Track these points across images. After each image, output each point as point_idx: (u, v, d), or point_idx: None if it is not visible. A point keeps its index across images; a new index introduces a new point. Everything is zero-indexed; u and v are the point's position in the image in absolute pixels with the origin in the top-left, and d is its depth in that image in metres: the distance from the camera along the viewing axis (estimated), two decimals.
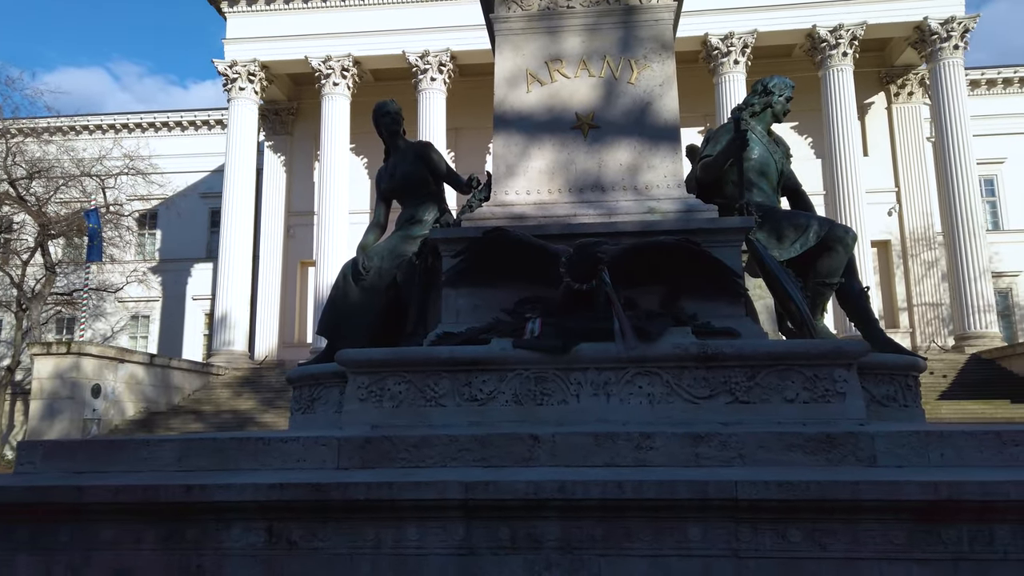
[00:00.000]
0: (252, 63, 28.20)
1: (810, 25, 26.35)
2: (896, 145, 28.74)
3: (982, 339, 24.09)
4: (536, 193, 5.58)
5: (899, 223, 28.09)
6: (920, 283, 27.30)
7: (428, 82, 27.52)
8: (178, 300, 34.98)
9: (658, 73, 5.66)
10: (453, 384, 4.44)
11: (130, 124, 36.87)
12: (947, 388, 20.38)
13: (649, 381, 4.34)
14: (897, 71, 28.97)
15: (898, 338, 26.14)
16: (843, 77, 26.04)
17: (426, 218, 6.21)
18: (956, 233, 25.03)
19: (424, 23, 27.74)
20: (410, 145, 6.45)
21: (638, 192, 5.50)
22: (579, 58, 5.72)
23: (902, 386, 4.98)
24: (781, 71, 27.12)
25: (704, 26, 25.85)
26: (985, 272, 24.78)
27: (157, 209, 35.53)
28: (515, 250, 4.92)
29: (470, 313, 5.07)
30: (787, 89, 6.15)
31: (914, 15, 26.04)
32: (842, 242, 5.54)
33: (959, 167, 25.14)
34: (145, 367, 21.96)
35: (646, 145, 5.59)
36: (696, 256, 4.78)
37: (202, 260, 35.07)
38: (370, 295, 5.92)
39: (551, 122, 5.67)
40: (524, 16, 5.80)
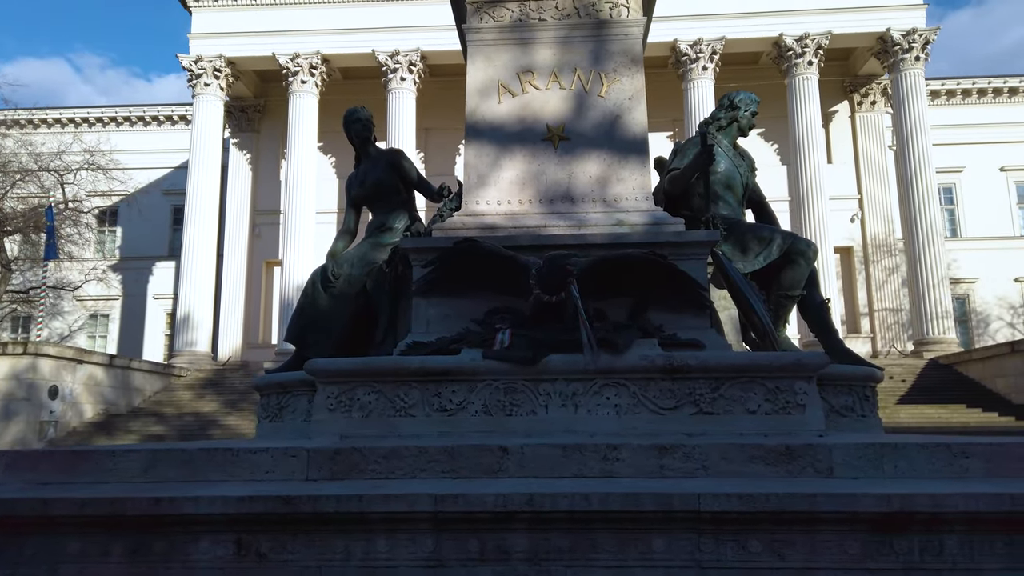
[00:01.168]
0: (218, 59, 27.84)
1: (777, 33, 26.83)
2: (859, 153, 29.40)
3: (940, 344, 24.74)
4: (507, 203, 5.63)
5: (861, 230, 28.73)
6: (881, 289, 27.95)
7: (398, 82, 27.45)
8: (139, 299, 34.35)
9: (628, 87, 5.75)
10: (423, 394, 4.47)
11: (91, 118, 36.11)
12: (906, 392, 20.90)
13: (616, 392, 4.42)
14: (860, 80, 29.62)
15: (859, 342, 26.94)
16: (808, 85, 26.55)
17: (396, 226, 6.23)
18: (916, 240, 25.68)
19: (394, 22, 27.64)
20: (381, 152, 6.46)
21: (607, 204, 5.58)
22: (550, 70, 5.79)
23: (860, 396, 5.13)
24: (748, 78, 27.73)
25: (673, 32, 26.16)
26: (943, 279, 25.46)
27: (118, 206, 34.87)
28: (486, 261, 4.97)
29: (440, 323, 5.10)
30: (752, 104, 6.29)
31: (877, 26, 26.66)
32: (804, 255, 5.69)
33: (919, 176, 25.80)
34: (105, 368, 21.55)
35: (615, 158, 5.68)
36: (663, 269, 4.87)
37: (164, 258, 34.50)
38: (339, 302, 5.92)
39: (522, 133, 5.73)
40: (496, 27, 5.85)
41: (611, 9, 5.81)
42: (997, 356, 21.33)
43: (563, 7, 5.84)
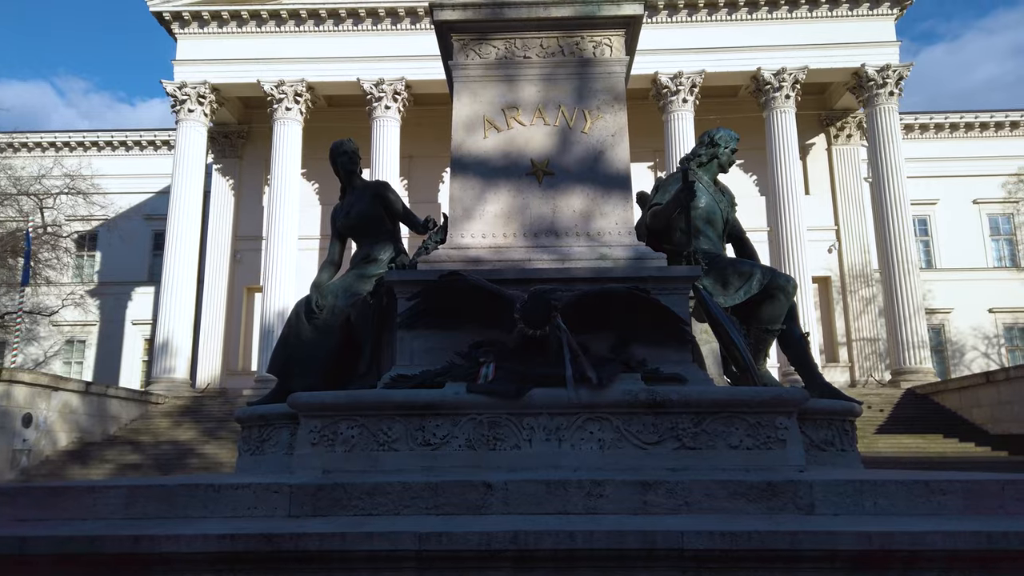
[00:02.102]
0: (203, 85, 27.87)
1: (755, 68, 27.35)
2: (836, 185, 29.89)
3: (917, 374, 25.02)
4: (492, 237, 5.69)
5: (839, 260, 29.11)
6: (859, 318, 28.28)
7: (383, 110, 27.60)
8: (117, 324, 33.95)
9: (611, 123, 5.86)
10: (407, 428, 4.47)
11: (72, 142, 35.96)
12: (884, 422, 21.07)
13: (600, 427, 4.44)
14: (836, 114, 30.22)
15: (838, 371, 27.18)
16: (786, 118, 27.03)
17: (381, 257, 6.25)
18: (892, 271, 26.06)
19: (380, 52, 27.88)
20: (367, 184, 6.51)
21: (591, 238, 5.65)
22: (535, 106, 5.88)
23: (839, 431, 5.19)
24: (728, 110, 28.19)
25: (654, 65, 26.58)
26: (919, 309, 25.82)
27: (97, 230, 34.56)
28: (470, 294, 5.00)
29: (424, 355, 5.12)
30: (732, 141, 6.42)
31: (852, 62, 27.27)
32: (783, 290, 5.78)
33: (894, 207, 26.26)
34: (80, 395, 21.21)
35: (599, 192, 5.76)
36: (646, 304, 4.94)
37: (144, 284, 34.18)
38: (323, 334, 5.91)
39: (507, 167, 5.80)
40: (482, 64, 5.94)
41: (594, 48, 5.93)
42: (973, 386, 21.60)
43: (548, 45, 5.95)
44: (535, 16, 5.87)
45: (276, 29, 28.35)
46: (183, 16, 28.20)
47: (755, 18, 27.73)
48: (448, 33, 6.01)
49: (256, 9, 28.02)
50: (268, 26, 28.34)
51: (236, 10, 28.03)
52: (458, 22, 5.95)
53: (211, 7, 28.02)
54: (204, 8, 28.01)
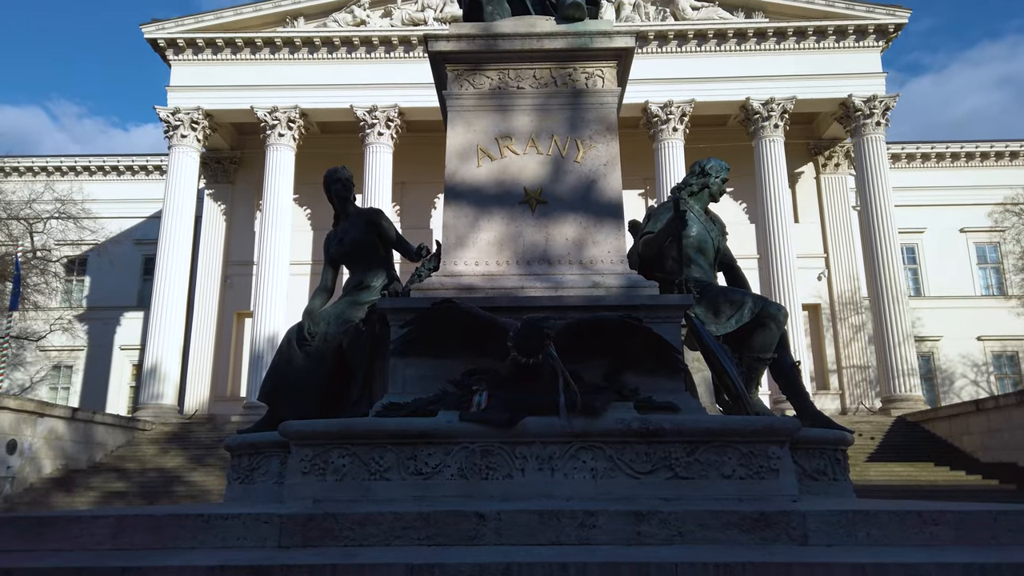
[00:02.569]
0: (196, 111, 27.97)
1: (744, 97, 27.70)
2: (825, 213, 30.15)
3: (907, 402, 25.06)
4: (485, 264, 5.71)
5: (828, 287, 29.27)
6: (849, 346, 28.37)
7: (375, 136, 27.75)
8: (104, 350, 33.65)
9: (603, 153, 5.92)
10: (398, 457, 4.45)
11: (63, 167, 35.92)
12: (875, 450, 21.05)
13: (593, 456, 4.43)
14: (825, 143, 30.58)
15: (829, 399, 27.19)
16: (775, 147, 27.33)
17: (374, 284, 6.25)
18: (881, 299, 26.20)
19: (373, 79, 28.11)
20: (361, 211, 6.53)
21: (583, 266, 5.68)
22: (528, 136, 5.94)
23: (831, 460, 5.19)
24: (717, 139, 28.53)
25: (645, 94, 26.89)
26: (908, 337, 25.93)
27: (87, 255, 34.39)
28: (464, 322, 5.01)
29: (417, 383, 5.10)
30: (723, 171, 6.50)
31: (840, 92, 27.67)
32: (774, 319, 5.82)
33: (882, 236, 26.49)
34: (67, 421, 20.95)
35: (591, 221, 5.80)
36: (638, 332, 4.95)
37: (132, 308, 33.96)
38: (315, 361, 5.90)
39: (500, 196, 5.84)
40: (476, 94, 6.01)
41: (587, 79, 6.01)
42: (963, 414, 21.64)
43: (541, 76, 6.03)
44: (528, 48, 5.95)
45: (270, 56, 28.57)
46: (178, 43, 28.40)
47: (744, 49, 28.15)
48: (443, 63, 6.08)
49: (251, 37, 28.26)
50: (262, 53, 28.56)
51: (231, 37, 28.25)
52: (453, 53, 6.02)
53: (206, 35, 28.24)
54: (199, 36, 28.22)
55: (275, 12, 28.66)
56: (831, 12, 27.86)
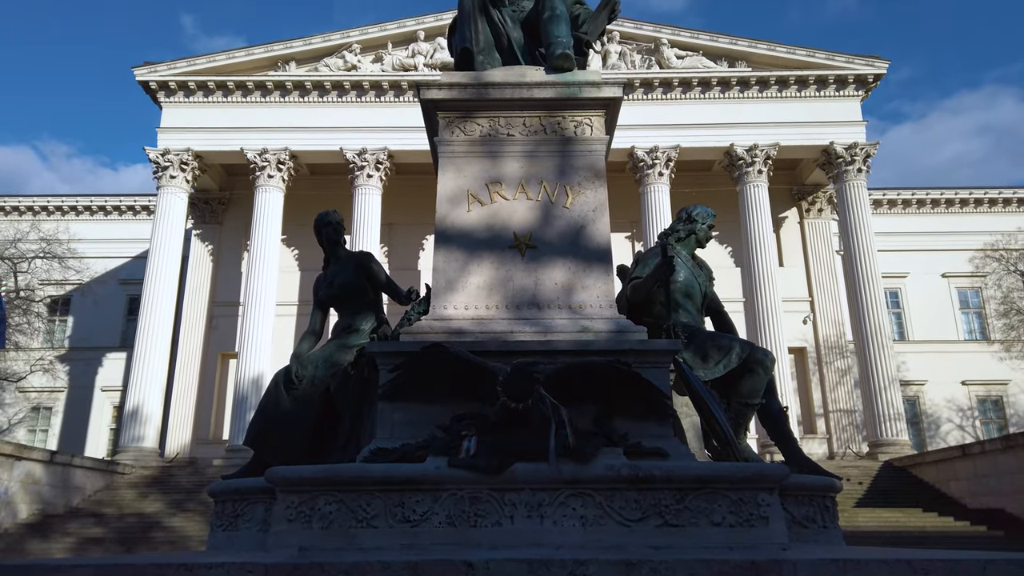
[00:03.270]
0: (186, 152, 28.11)
1: (728, 143, 28.20)
2: (809, 257, 30.51)
3: (894, 446, 25.07)
4: (475, 308, 5.72)
5: (814, 331, 29.46)
6: (835, 390, 28.45)
7: (365, 178, 27.94)
8: (85, 391, 33.18)
9: (591, 199, 5.99)
10: (386, 504, 4.39)
11: (50, 207, 35.89)
12: (863, 495, 20.98)
13: (582, 503, 4.39)
14: (808, 189, 31.10)
15: (816, 443, 27.16)
16: (759, 192, 27.75)
17: (363, 327, 6.25)
18: (866, 342, 26.38)
19: (363, 122, 28.43)
20: (351, 255, 6.55)
21: (572, 311, 5.71)
22: (518, 181, 6.01)
23: (821, 507, 5.17)
24: (703, 184, 28.92)
25: (631, 139, 27.32)
26: (894, 381, 26.05)
27: (71, 295, 34.17)
28: (453, 366, 5.00)
29: (405, 428, 5.07)
30: (709, 218, 6.60)
31: (821, 139, 28.25)
32: (762, 364, 5.85)
33: (866, 280, 26.79)
34: (44, 465, 20.53)
35: (580, 266, 5.85)
36: (627, 377, 4.96)
37: (115, 349, 33.61)
38: (302, 405, 5.85)
39: (490, 240, 5.88)
40: (467, 141, 6.09)
41: (576, 128, 6.12)
42: (949, 459, 21.66)
43: (530, 124, 6.13)
44: (519, 97, 6.06)
45: (261, 99, 28.88)
46: (169, 86, 28.67)
47: (727, 97, 28.76)
48: (434, 111, 6.18)
49: (242, 80, 28.59)
50: (253, 96, 28.87)
51: (222, 80, 28.57)
52: (444, 101, 6.13)
53: (198, 78, 28.55)
54: (191, 78, 28.53)
55: (267, 56, 29.07)
56: (812, 62, 28.61)
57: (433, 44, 29.17)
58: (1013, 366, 30.60)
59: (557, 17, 6.36)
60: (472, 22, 6.43)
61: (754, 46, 28.89)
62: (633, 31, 29.23)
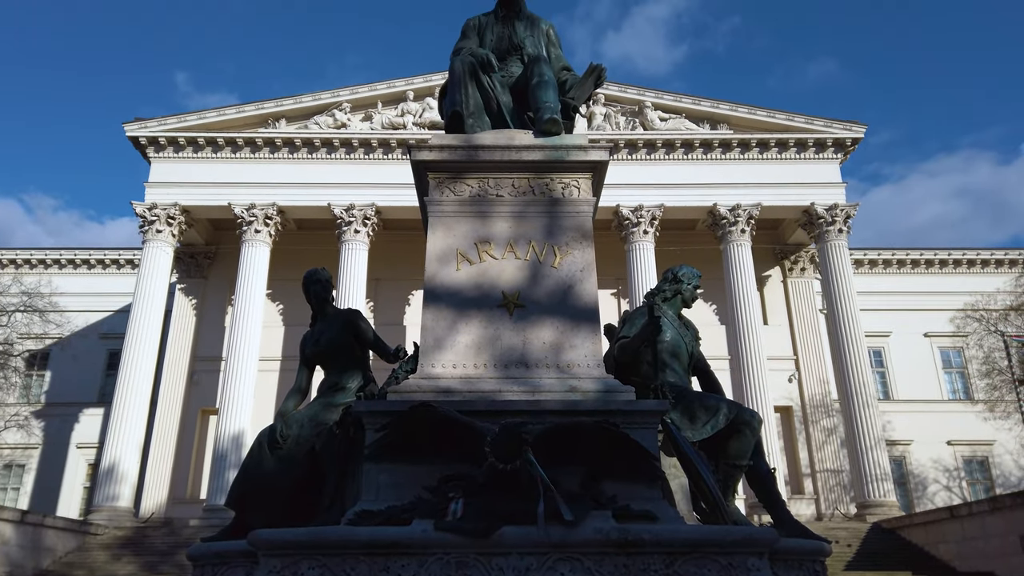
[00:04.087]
0: (173, 207, 28.13)
1: (711, 203, 28.67)
2: (793, 315, 30.74)
3: (881, 508, 24.86)
4: (463, 367, 5.71)
5: (799, 390, 29.48)
6: (821, 449, 28.32)
7: (352, 234, 28.03)
8: (60, 448, 32.39)
9: (579, 259, 6.06)
10: (371, 569, 4.29)
11: (33, 260, 35.62)
12: (852, 558, 20.69)
13: (571, 567, 4.32)
14: (790, 248, 31.54)
15: (803, 504, 26.91)
16: (742, 251, 28.09)
17: (350, 386, 6.21)
18: (851, 401, 26.39)
19: (351, 179, 28.68)
20: (338, 312, 6.55)
21: (560, 370, 5.71)
22: (507, 241, 6.08)
23: (810, 571, 5.10)
24: (687, 242, 29.24)
25: (616, 198, 27.73)
26: (880, 441, 25.99)
27: (50, 349, 33.70)
28: (441, 426, 4.96)
29: (391, 490, 4.99)
30: (695, 279, 6.69)
31: (802, 200, 28.79)
32: (749, 425, 5.85)
33: (850, 339, 26.97)
34: (15, 525, 19.89)
35: (568, 325, 5.87)
36: (616, 438, 4.94)
37: (93, 405, 33.00)
38: (286, 465, 5.77)
39: (479, 299, 5.91)
40: (456, 201, 6.18)
41: (563, 189, 6.23)
42: (937, 521, 21.47)
43: (519, 185, 6.23)
44: (508, 159, 6.19)
45: (251, 155, 29.15)
46: (159, 141, 28.91)
47: (710, 158, 29.38)
48: (424, 171, 6.28)
49: (232, 136, 28.90)
50: (243, 152, 29.15)
51: (212, 136, 28.87)
52: (435, 162, 6.23)
53: (187, 133, 28.83)
54: (180, 134, 28.81)
55: (257, 114, 29.46)
56: (791, 126, 29.37)
57: (422, 104, 29.72)
58: (997, 426, 30.67)
59: (545, 83, 6.54)
60: (463, 86, 6.59)
61: (735, 109, 29.66)
62: (618, 94, 29.97)
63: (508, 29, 7.12)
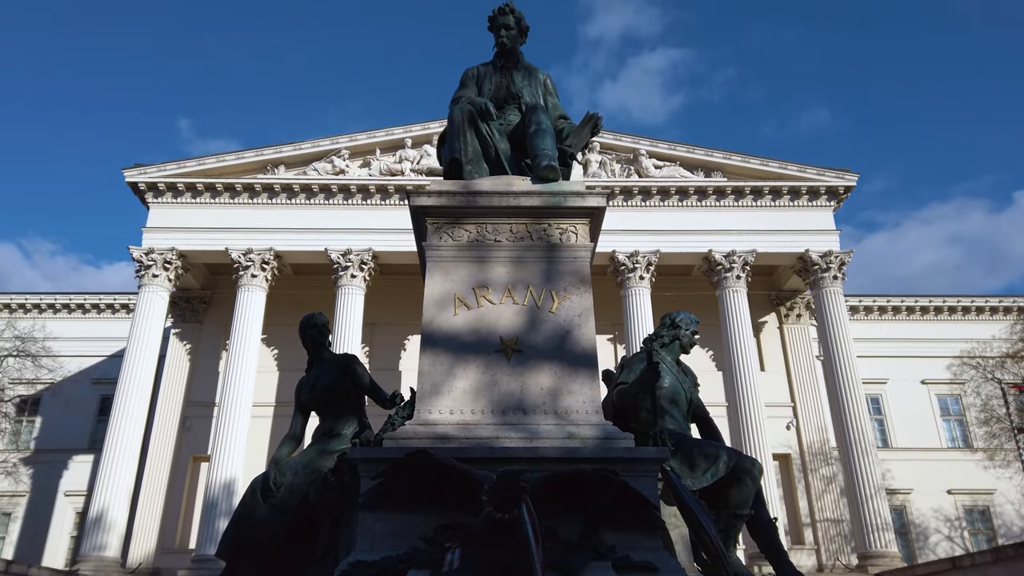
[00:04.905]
0: (170, 251, 28.13)
1: (707, 249, 28.80)
2: (790, 362, 30.62)
3: (883, 559, 24.40)
4: (460, 413, 5.65)
5: (798, 437, 29.19)
6: (821, 498, 27.93)
7: (348, 278, 28.01)
8: (48, 495, 31.79)
9: (577, 304, 6.05)
10: None
11: (28, 304, 35.46)
12: None
13: None
14: (786, 294, 31.61)
15: (804, 554, 26.44)
16: (738, 298, 28.12)
17: (345, 432, 6.13)
18: (850, 450, 26.11)
19: (349, 224, 28.79)
20: (335, 357, 6.51)
21: (559, 416, 5.65)
22: (504, 286, 6.08)
23: None
24: (683, 288, 29.20)
25: (612, 244, 27.84)
26: (880, 489, 25.66)
27: (42, 394, 33.33)
28: (437, 474, 4.89)
29: (387, 539, 4.89)
30: (692, 324, 6.68)
31: (797, 247, 28.96)
32: (750, 474, 5.78)
33: (847, 386, 26.83)
34: None
35: (566, 371, 5.84)
36: (616, 487, 4.86)
37: (83, 451, 32.48)
38: (279, 514, 5.65)
39: (477, 344, 5.88)
40: (455, 246, 6.20)
41: (561, 235, 6.26)
42: (940, 572, 20.97)
43: (517, 230, 6.26)
44: (506, 205, 6.23)
45: (249, 201, 29.29)
46: (158, 186, 29.07)
47: (705, 205, 29.64)
48: (423, 217, 6.31)
49: (231, 182, 29.09)
50: (241, 198, 29.29)
51: (211, 183, 29.06)
52: (433, 207, 6.27)
53: (186, 179, 29.02)
54: (179, 180, 28.99)
55: (257, 160, 29.73)
56: (784, 174, 29.71)
57: (420, 151, 30.05)
58: (997, 475, 30.37)
59: (543, 131, 6.62)
60: (461, 134, 6.66)
61: (728, 157, 30.04)
62: (613, 142, 30.36)
63: (506, 79, 7.23)
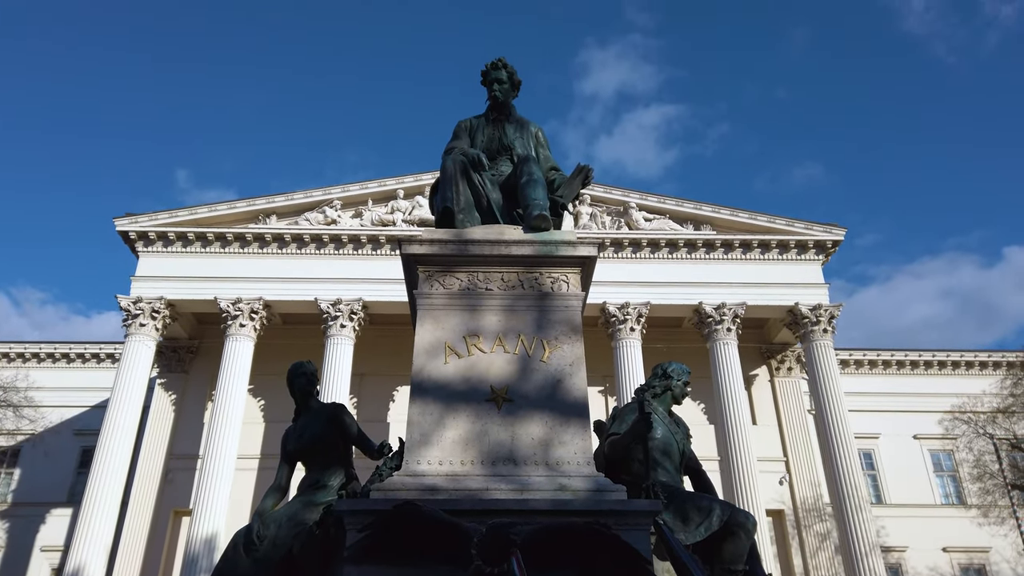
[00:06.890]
0: (158, 300, 27.93)
1: (697, 301, 28.88)
2: (781, 415, 30.42)
3: None
4: (449, 464, 5.55)
5: (791, 492, 28.82)
6: (815, 556, 27.42)
7: (338, 328, 27.83)
8: (23, 552, 30.85)
9: (568, 353, 6.01)
10: None
11: (11, 354, 35.02)
12: None
13: None
14: (777, 348, 31.59)
15: None
16: (729, 350, 28.08)
17: (331, 483, 6.00)
18: (843, 506, 25.74)
19: (339, 274, 28.76)
20: (323, 406, 6.41)
21: (550, 467, 5.56)
22: (496, 335, 6.04)
23: None
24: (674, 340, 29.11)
25: (603, 295, 27.90)
26: (875, 547, 25.21)
27: (21, 445, 32.65)
28: (425, 527, 4.76)
29: None
30: (684, 375, 6.63)
31: (787, 300, 29.08)
32: (744, 528, 5.67)
33: (839, 441, 26.58)
34: None
35: (557, 420, 5.76)
36: (608, 541, 4.75)
37: (61, 505, 31.68)
38: (262, 568, 5.49)
39: (467, 393, 5.81)
40: (446, 294, 6.18)
41: (552, 284, 6.25)
42: None
43: (508, 279, 6.25)
44: (497, 253, 6.23)
45: (240, 250, 29.28)
46: (149, 236, 29.06)
47: (694, 257, 29.84)
48: (415, 265, 6.30)
49: (222, 231, 29.11)
50: (232, 247, 29.28)
51: (202, 232, 29.07)
52: (425, 255, 6.27)
53: (177, 228, 29.03)
54: (171, 229, 29.00)
55: (249, 210, 29.83)
56: (773, 228, 30.03)
57: (412, 202, 30.25)
58: (992, 532, 30.00)
59: (534, 181, 6.68)
60: (454, 183, 6.71)
61: (717, 211, 30.38)
62: (603, 195, 30.69)
63: (498, 131, 7.33)
